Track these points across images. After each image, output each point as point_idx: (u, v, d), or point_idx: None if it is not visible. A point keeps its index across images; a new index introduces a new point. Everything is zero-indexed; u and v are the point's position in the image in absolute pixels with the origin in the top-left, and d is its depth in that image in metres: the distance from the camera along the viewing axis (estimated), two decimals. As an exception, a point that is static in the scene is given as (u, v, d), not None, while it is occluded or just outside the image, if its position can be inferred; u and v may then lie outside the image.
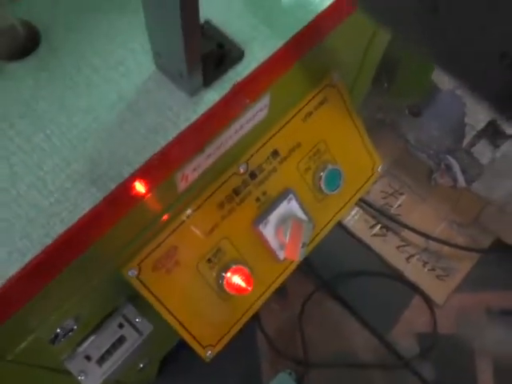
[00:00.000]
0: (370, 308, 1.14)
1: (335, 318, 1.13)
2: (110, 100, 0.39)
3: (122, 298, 0.53)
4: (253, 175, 0.53)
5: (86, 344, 0.51)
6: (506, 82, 0.16)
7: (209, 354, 0.53)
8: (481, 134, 1.15)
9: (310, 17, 0.43)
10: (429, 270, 1.19)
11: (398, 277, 1.18)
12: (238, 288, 0.52)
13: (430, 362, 1.11)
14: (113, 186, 0.36)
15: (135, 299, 0.53)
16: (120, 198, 0.37)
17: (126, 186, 0.37)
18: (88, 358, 0.51)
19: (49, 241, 0.34)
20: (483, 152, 1.15)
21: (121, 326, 0.52)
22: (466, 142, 1.19)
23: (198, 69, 0.37)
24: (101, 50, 0.41)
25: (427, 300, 1.16)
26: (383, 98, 1.26)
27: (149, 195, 0.40)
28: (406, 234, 1.21)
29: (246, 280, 0.52)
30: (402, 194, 1.25)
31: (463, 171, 1.20)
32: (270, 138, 0.53)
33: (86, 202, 0.35)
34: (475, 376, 1.09)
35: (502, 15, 0.14)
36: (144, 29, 0.38)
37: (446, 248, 1.21)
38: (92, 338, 0.51)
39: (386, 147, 1.25)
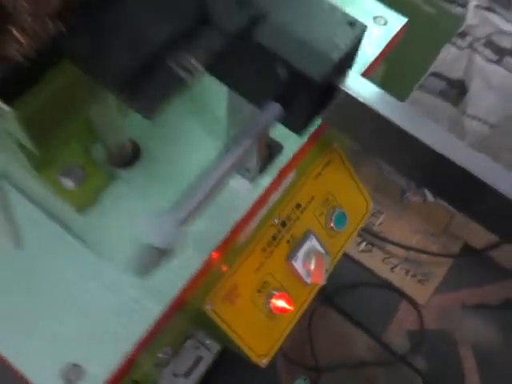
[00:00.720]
0: (366, 314, 1.32)
1: (337, 326, 1.31)
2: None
3: (194, 325, 0.70)
4: (284, 224, 0.71)
5: (172, 364, 0.68)
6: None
7: (264, 361, 0.71)
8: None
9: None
10: (411, 276, 1.39)
11: (385, 285, 1.37)
12: (282, 309, 0.70)
13: (420, 354, 1.29)
14: (210, 249, 0.54)
15: (203, 325, 0.70)
16: (213, 256, 0.54)
17: (218, 249, 0.54)
18: (175, 374, 0.68)
19: (176, 291, 0.52)
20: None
21: (197, 347, 0.69)
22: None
23: (259, 165, 0.55)
24: (188, 158, 0.58)
25: (412, 302, 1.35)
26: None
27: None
28: (389, 247, 1.41)
29: (288, 302, 0.70)
30: (381, 213, 1.45)
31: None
32: (294, 195, 0.71)
33: (195, 262, 0.53)
34: (460, 362, 1.28)
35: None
36: (214, 135, 0.56)
37: (423, 256, 1.41)
38: (177, 358, 0.68)
39: (364, 175, 1.45)
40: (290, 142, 0.59)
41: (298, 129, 0.36)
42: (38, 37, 0.38)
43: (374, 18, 0.68)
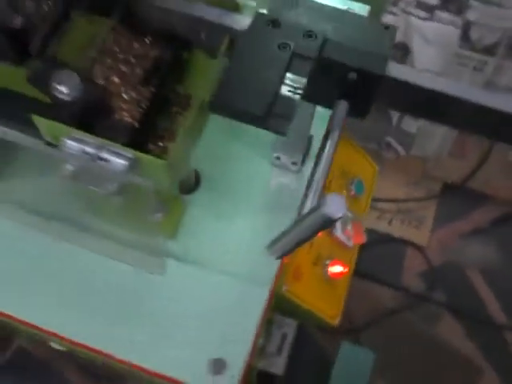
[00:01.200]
0: (378, 269, 1.45)
1: (358, 287, 1.44)
2: (253, 199, 0.66)
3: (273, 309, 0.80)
4: (318, 203, 0.82)
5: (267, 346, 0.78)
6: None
7: (336, 321, 0.82)
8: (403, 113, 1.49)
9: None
10: (407, 224, 1.53)
11: (388, 239, 1.51)
12: (338, 274, 0.81)
13: (437, 289, 1.44)
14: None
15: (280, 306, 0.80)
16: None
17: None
18: (269, 354, 0.78)
19: (273, 275, 0.62)
20: (410, 124, 1.50)
21: (280, 327, 0.79)
22: (394, 121, 1.53)
23: (303, 157, 0.65)
24: (239, 172, 0.68)
25: (415, 246, 1.50)
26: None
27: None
28: (380, 204, 1.55)
29: (342, 265, 0.81)
30: (364, 177, 1.59)
31: (401, 144, 1.55)
32: (319, 176, 0.82)
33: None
34: (473, 286, 1.43)
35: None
36: (258, 145, 0.66)
37: (411, 204, 1.55)
38: (266, 339, 0.78)
39: (339, 148, 1.59)
40: (314, 133, 0.70)
41: (363, 115, 0.47)
42: (137, 101, 0.47)
43: (345, 12, 0.79)
